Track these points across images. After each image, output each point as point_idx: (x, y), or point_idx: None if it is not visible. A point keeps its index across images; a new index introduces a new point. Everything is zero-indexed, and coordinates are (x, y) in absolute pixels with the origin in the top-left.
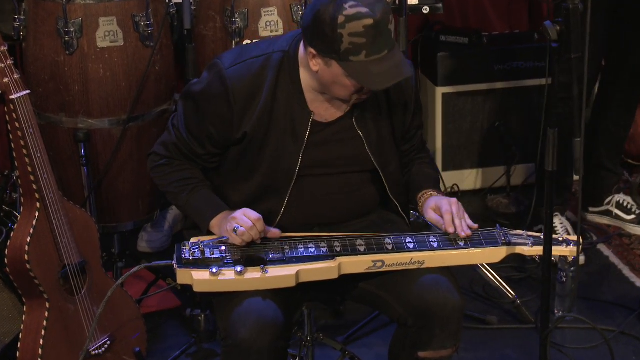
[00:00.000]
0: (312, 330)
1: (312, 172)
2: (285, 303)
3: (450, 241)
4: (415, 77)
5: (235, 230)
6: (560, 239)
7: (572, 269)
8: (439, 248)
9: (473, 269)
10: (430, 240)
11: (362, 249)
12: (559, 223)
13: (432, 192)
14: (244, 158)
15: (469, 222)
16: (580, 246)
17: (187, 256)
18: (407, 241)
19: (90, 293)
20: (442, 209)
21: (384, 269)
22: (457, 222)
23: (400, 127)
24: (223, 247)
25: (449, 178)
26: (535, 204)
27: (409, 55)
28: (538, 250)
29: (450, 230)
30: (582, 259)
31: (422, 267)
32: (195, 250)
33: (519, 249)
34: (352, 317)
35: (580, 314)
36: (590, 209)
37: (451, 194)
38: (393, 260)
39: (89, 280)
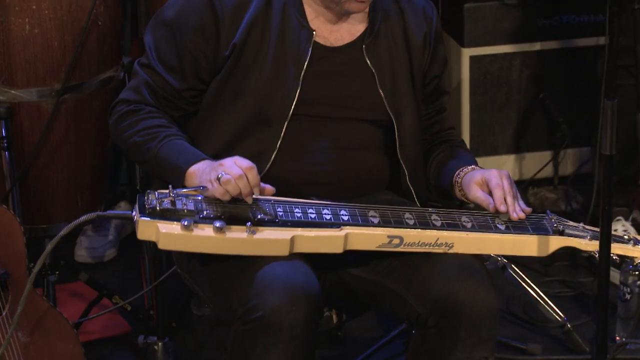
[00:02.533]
0: None
1: (311, 110)
2: (315, 268)
3: (488, 224)
4: (436, 14)
5: (218, 179)
6: (626, 237)
7: (639, 283)
8: (473, 230)
9: (510, 284)
10: (463, 220)
11: (375, 220)
12: (622, 229)
13: (474, 167)
14: (230, 82)
15: (522, 204)
16: None
17: (154, 204)
18: (432, 218)
19: (13, 315)
20: (490, 182)
21: (401, 248)
22: (509, 199)
23: (420, 72)
24: (200, 198)
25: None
26: (594, 199)
27: None
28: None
29: (502, 209)
30: None
31: (450, 251)
32: (164, 199)
33: (574, 242)
34: (354, 346)
35: None
36: None
37: None
38: (414, 239)
39: (12, 298)
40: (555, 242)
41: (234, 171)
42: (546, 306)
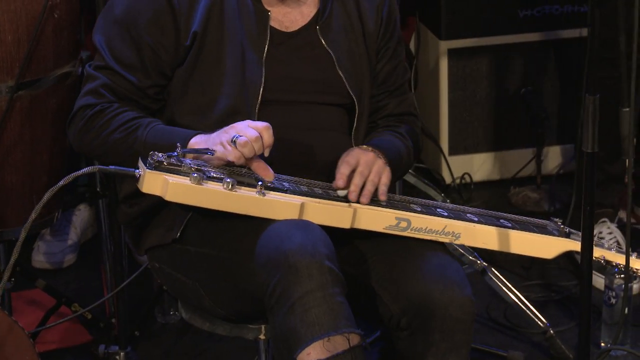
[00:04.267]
0: None
1: (277, 96)
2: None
3: (494, 221)
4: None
5: (234, 141)
6: (608, 246)
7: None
8: (480, 223)
9: (490, 289)
10: (469, 214)
11: (382, 202)
12: (607, 232)
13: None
14: (195, 73)
15: (382, 190)
16: (632, 259)
17: (161, 159)
18: (438, 211)
19: None
20: (342, 158)
21: (407, 232)
22: (357, 179)
23: (374, 52)
24: (205, 162)
25: (458, 165)
26: (575, 200)
27: None
28: (605, 252)
29: (339, 183)
30: (637, 286)
31: (457, 241)
32: (171, 157)
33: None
34: None
35: (635, 346)
36: None
37: (461, 185)
38: (422, 224)
39: None
40: (562, 245)
41: (250, 133)
42: (528, 311)
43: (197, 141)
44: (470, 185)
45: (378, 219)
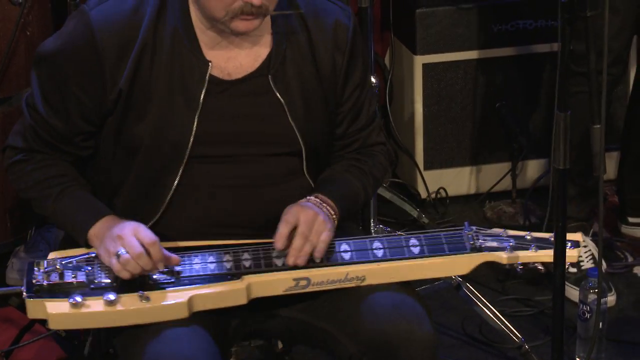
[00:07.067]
0: None
1: (210, 152)
2: (218, 328)
3: (401, 247)
4: (354, 21)
5: (118, 256)
6: (528, 237)
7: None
8: (384, 258)
9: (465, 303)
10: (374, 246)
11: (279, 262)
12: (582, 245)
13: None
14: (123, 127)
15: (320, 248)
16: (604, 275)
17: (41, 280)
18: (341, 249)
19: None
20: (282, 216)
21: (309, 288)
22: (297, 241)
23: (332, 94)
24: (90, 268)
25: (434, 179)
26: (549, 214)
27: (375, 11)
28: (520, 256)
29: (278, 245)
30: (611, 299)
31: (362, 284)
32: (51, 271)
33: (493, 257)
34: None
35: None
36: (630, 219)
37: (437, 200)
38: (322, 277)
39: None
40: (473, 260)
41: (133, 250)
42: (502, 326)
43: (99, 231)
44: (445, 199)
45: (276, 285)
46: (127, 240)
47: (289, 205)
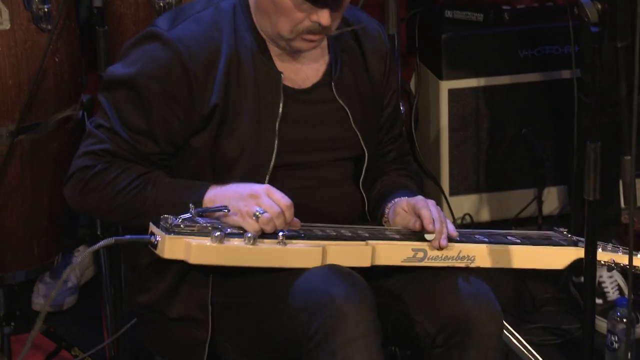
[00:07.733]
0: None
1: (290, 159)
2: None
3: (501, 239)
4: (390, 41)
5: (256, 216)
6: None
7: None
8: (491, 243)
9: None
10: (477, 236)
11: (396, 236)
12: (607, 276)
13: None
14: (217, 146)
15: (451, 228)
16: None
17: (177, 222)
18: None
19: None
20: (417, 204)
21: (425, 262)
22: (437, 225)
23: (380, 101)
24: (218, 221)
25: (459, 205)
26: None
27: (402, 37)
28: (616, 256)
29: (430, 227)
30: (639, 330)
31: (472, 265)
32: (186, 220)
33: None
34: None
35: None
36: None
37: (463, 226)
38: (438, 252)
39: None
40: (572, 253)
41: (273, 209)
42: (530, 355)
43: (211, 198)
44: (471, 225)
45: (396, 253)
46: (264, 200)
47: (409, 198)
